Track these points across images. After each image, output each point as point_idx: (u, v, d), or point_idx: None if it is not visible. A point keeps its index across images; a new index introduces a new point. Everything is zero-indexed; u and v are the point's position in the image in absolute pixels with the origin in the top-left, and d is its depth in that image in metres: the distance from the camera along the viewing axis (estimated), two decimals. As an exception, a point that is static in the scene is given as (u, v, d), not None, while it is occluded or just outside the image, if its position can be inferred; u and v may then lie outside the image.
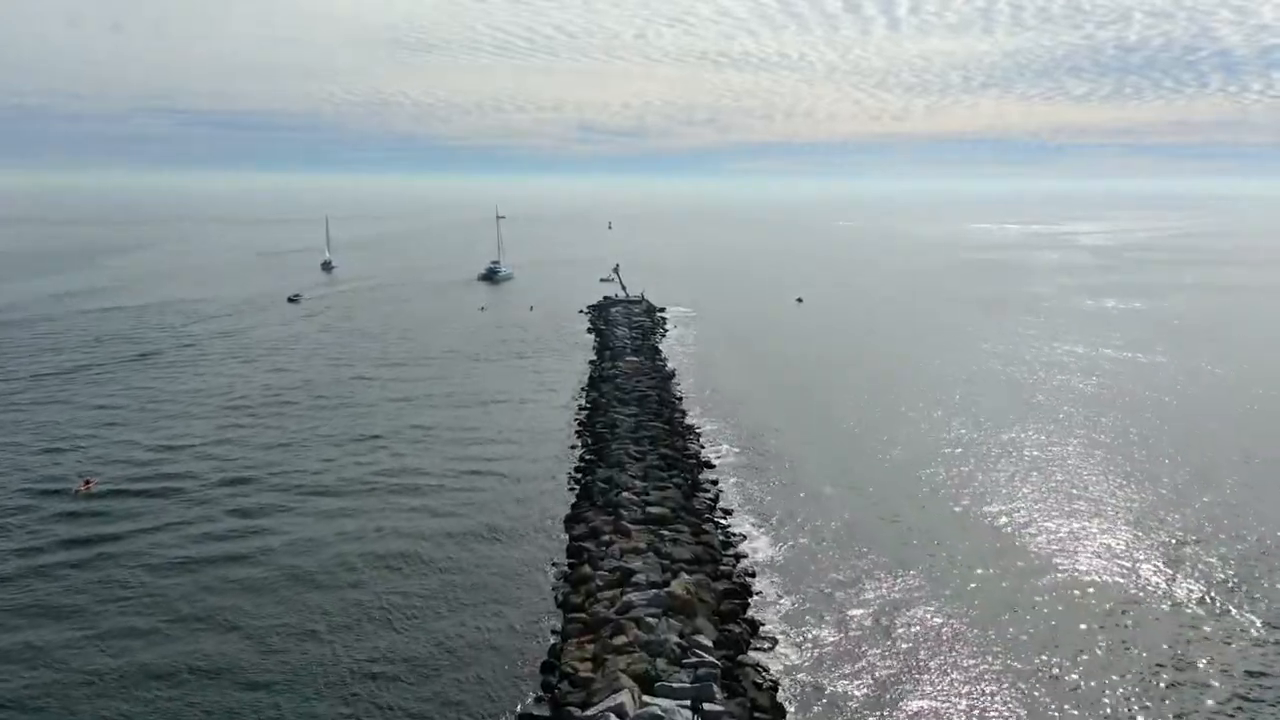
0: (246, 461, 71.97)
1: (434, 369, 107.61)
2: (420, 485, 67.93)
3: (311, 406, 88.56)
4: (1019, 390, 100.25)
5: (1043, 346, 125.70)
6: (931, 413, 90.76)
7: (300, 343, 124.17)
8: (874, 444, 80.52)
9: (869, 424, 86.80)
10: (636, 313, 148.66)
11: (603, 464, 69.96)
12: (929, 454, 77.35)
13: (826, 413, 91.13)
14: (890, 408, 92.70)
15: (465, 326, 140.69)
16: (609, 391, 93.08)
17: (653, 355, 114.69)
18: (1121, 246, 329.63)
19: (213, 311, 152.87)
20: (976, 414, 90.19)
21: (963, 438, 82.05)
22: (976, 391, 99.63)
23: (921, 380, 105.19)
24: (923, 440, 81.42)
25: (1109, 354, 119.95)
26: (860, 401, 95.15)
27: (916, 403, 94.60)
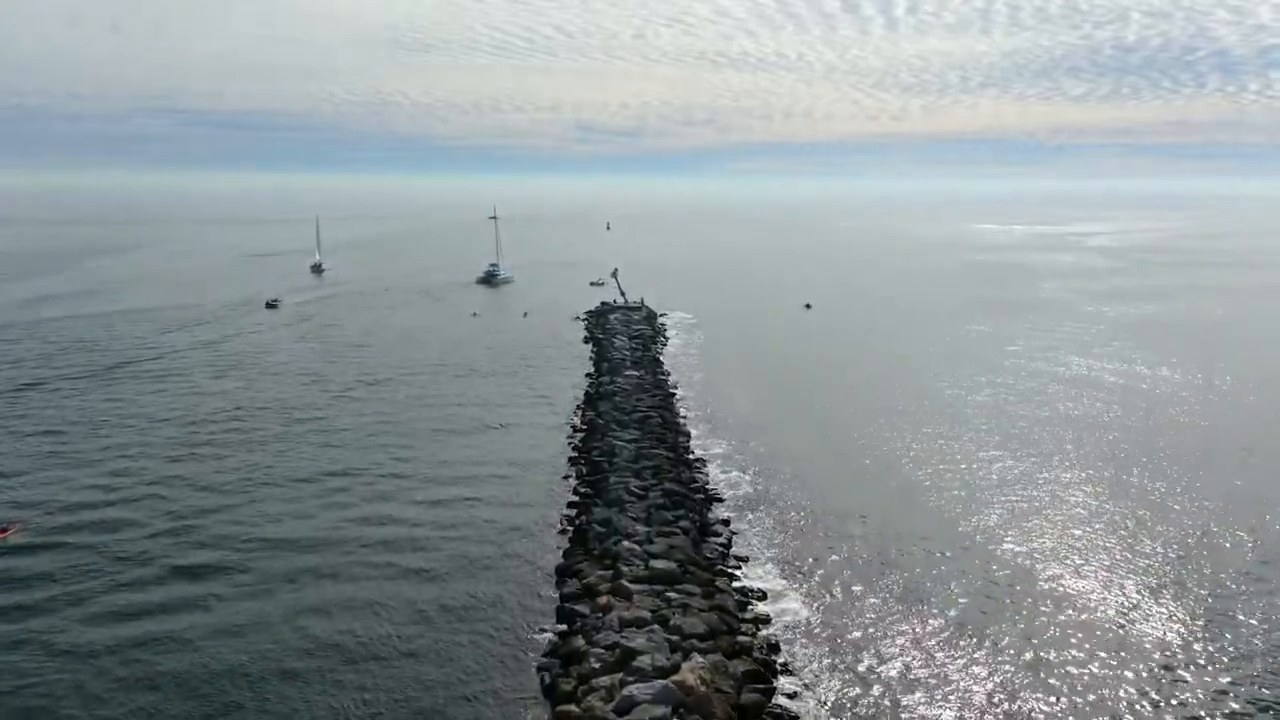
0: (198, 504, 62.91)
1: (417, 385, 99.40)
2: (391, 538, 57.99)
3: (277, 434, 79.95)
4: (1046, 407, 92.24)
5: (1066, 357, 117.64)
6: (957, 433, 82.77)
7: (274, 354, 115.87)
8: (899, 471, 72.56)
9: (892, 448, 78.82)
10: (636, 320, 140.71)
11: (600, 501, 61.97)
12: (960, 481, 69.41)
13: (844, 434, 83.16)
14: (912, 428, 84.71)
15: (455, 335, 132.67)
16: (607, 411, 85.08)
17: (654, 368, 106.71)
18: (1129, 248, 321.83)
19: (190, 318, 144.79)
20: (1004, 434, 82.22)
21: (993, 461, 74.08)
22: (1001, 408, 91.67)
23: (942, 396, 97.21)
24: (951, 464, 73.47)
25: (1130, 362, 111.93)
26: (880, 421, 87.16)
27: (939, 421, 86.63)
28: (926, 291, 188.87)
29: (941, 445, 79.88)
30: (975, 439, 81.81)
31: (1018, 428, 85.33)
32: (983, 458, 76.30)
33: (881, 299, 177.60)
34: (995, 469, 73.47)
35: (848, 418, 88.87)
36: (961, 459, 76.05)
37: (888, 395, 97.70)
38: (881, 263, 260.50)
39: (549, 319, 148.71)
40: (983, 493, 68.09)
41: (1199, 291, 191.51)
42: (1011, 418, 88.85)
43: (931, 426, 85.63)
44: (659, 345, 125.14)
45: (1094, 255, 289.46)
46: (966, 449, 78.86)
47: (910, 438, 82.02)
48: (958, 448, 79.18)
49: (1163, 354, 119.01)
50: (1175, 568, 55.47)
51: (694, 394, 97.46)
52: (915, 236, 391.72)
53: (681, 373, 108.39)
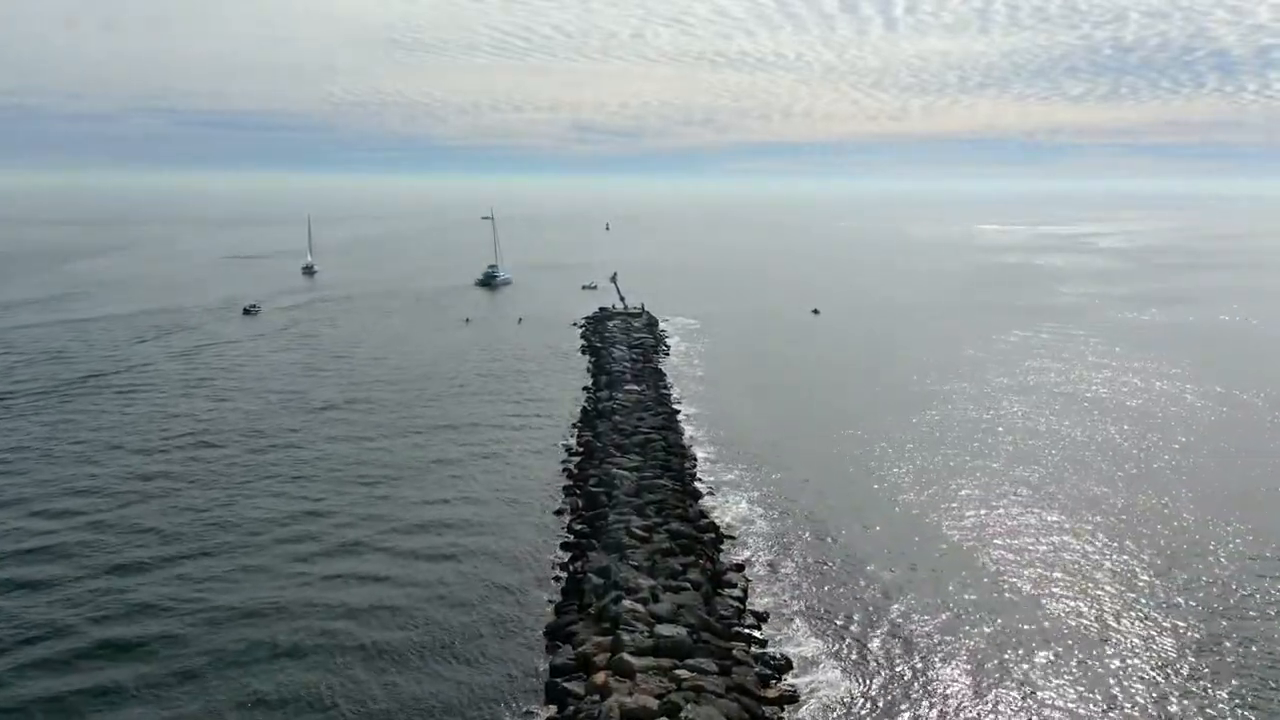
0: (137, 557, 54.15)
1: (400, 403, 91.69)
2: (358, 604, 48.65)
3: (241, 465, 71.86)
4: (1082, 428, 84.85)
5: (1097, 372, 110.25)
6: (988, 455, 75.36)
7: (248, 367, 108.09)
8: (928, 502, 65.13)
9: (918, 474, 71.39)
10: (636, 327, 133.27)
11: (597, 544, 54.51)
12: (994, 512, 62.04)
13: (864, 458, 75.70)
14: (935, 451, 77.28)
15: (446, 344, 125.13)
16: (605, 433, 77.62)
17: (655, 381, 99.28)
18: (1140, 249, 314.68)
19: (166, 325, 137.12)
20: (1039, 458, 74.83)
21: (1031, 490, 66.74)
22: (1033, 428, 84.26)
23: (967, 414, 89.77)
24: (989, 494, 66.09)
25: (1165, 379, 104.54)
26: (902, 443, 79.73)
27: (967, 443, 79.19)
28: (939, 295, 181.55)
29: (975, 472, 72.46)
30: (1008, 462, 74.38)
31: (1054, 453, 77.89)
32: (1017, 484, 68.92)
33: (892, 303, 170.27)
34: (1033, 498, 66.08)
35: (866, 438, 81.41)
36: (997, 488, 68.63)
37: (907, 412, 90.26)
38: (888, 264, 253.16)
39: (545, 326, 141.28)
40: (1021, 525, 60.71)
41: (1218, 295, 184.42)
42: (1047, 440, 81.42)
43: (959, 450, 78.18)
44: (660, 355, 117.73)
45: (1106, 257, 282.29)
46: (999, 476, 71.45)
47: (936, 463, 74.59)
48: (991, 475, 71.76)
49: (1192, 368, 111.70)
50: (1216, 623, 48.12)
51: (699, 411, 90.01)
52: (919, 237, 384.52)
53: (685, 386, 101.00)
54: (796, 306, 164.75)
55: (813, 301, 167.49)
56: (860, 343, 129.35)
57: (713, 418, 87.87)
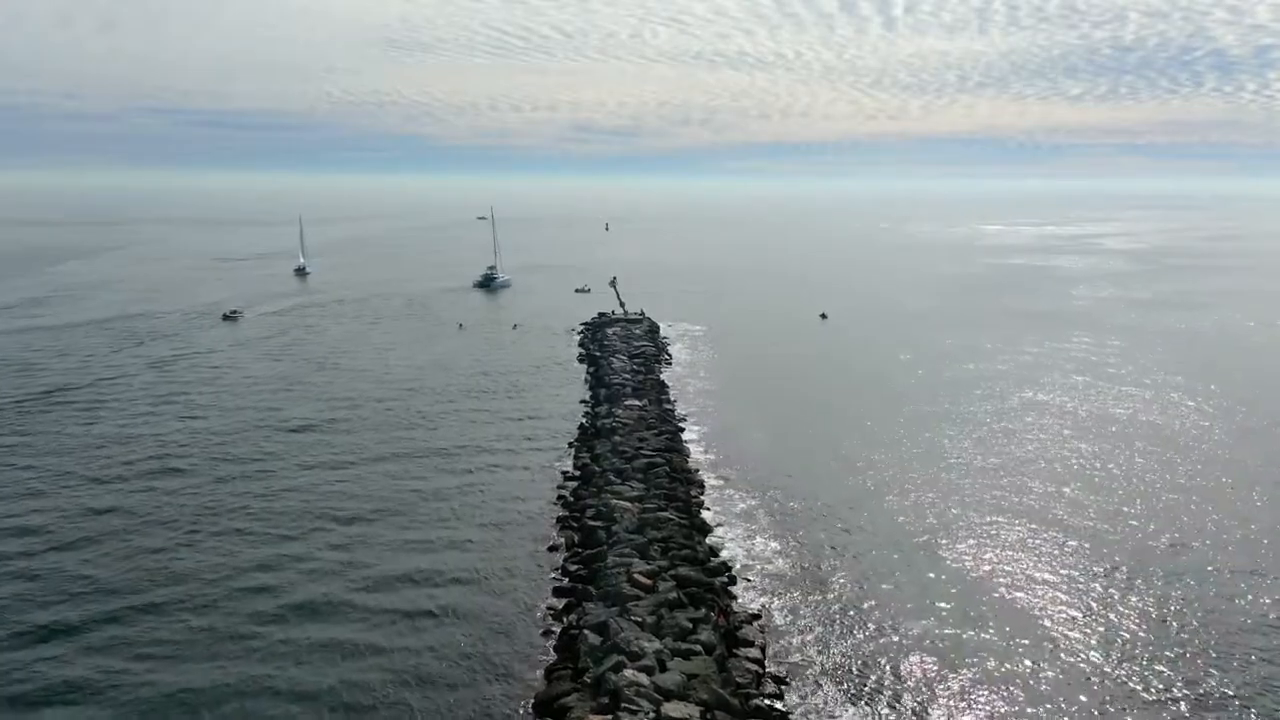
0: (66, 615, 47.86)
1: (383, 421, 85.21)
2: (315, 688, 41.73)
3: (205, 497, 65.07)
4: (1126, 453, 78.69)
5: (1129, 387, 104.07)
6: (1014, 479, 69.13)
7: (225, 379, 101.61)
8: (956, 534, 58.90)
9: (943, 500, 65.16)
10: (637, 334, 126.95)
11: (595, 591, 48.29)
12: (1029, 545, 55.83)
13: (884, 483, 69.44)
14: (964, 474, 71.05)
15: (437, 352, 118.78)
16: (604, 455, 71.36)
17: (658, 395, 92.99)
18: (1150, 251, 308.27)
19: (144, 331, 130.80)
20: (1075, 491, 68.64)
21: (1079, 528, 60.57)
22: (1066, 454, 78.01)
23: (991, 431, 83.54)
24: (1015, 520, 59.86)
25: (1187, 389, 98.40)
26: (924, 465, 73.51)
27: (995, 466, 72.95)
28: (952, 300, 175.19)
29: (1003, 500, 66.18)
30: (1039, 490, 68.14)
31: (1104, 487, 71.66)
32: (1051, 517, 62.69)
33: (903, 308, 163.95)
34: (1073, 534, 59.87)
35: (887, 460, 75.14)
36: (1030, 517, 62.38)
37: (930, 431, 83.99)
38: (894, 266, 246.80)
39: (541, 332, 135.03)
40: (1060, 568, 54.49)
41: (1232, 298, 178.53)
42: (1079, 468, 75.15)
43: (987, 475, 71.86)
44: (662, 365, 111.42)
45: (1117, 259, 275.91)
46: (1030, 504, 65.20)
47: (965, 489, 68.31)
48: (1022, 503, 65.49)
49: (1216, 380, 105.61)
50: None
51: (706, 429, 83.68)
52: (923, 237, 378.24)
53: (689, 400, 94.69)
54: (803, 310, 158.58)
55: (819, 305, 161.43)
56: (873, 352, 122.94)
57: (720, 436, 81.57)
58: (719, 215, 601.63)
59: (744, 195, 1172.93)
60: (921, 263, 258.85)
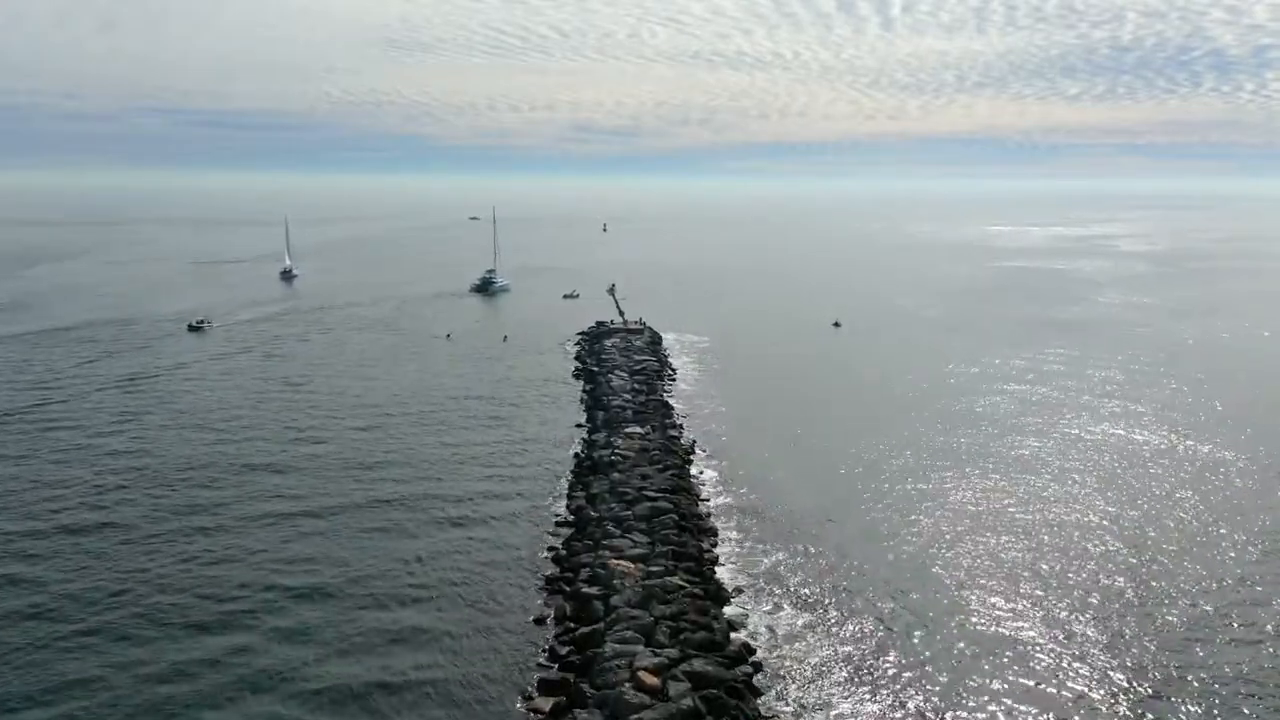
0: None
1: (351, 455, 75.13)
2: None
3: (133, 544, 55.99)
4: (1168, 488, 69.35)
5: (1170, 410, 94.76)
6: (1077, 536, 59.79)
7: (178, 401, 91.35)
8: (1009, 596, 49.51)
9: (994, 554, 55.78)
10: (637, 346, 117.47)
11: (589, 694, 38.84)
12: (1102, 626, 46.49)
13: (925, 529, 60.03)
14: (1012, 528, 61.70)
15: (419, 368, 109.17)
16: (602, 496, 61.94)
17: (662, 419, 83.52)
18: (1165, 253, 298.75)
19: (109, 342, 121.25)
20: (1141, 547, 59.32)
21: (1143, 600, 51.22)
22: (1123, 499, 68.75)
23: (1041, 467, 74.16)
24: (1087, 592, 50.53)
25: (1220, 409, 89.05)
26: (973, 506, 64.15)
27: (1051, 518, 63.60)
28: (969, 307, 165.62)
29: (1061, 562, 56.80)
30: (1107, 557, 58.76)
31: (1146, 543, 62.31)
32: (1117, 591, 53.32)
33: (918, 316, 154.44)
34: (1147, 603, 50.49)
35: (921, 499, 65.72)
36: (1099, 589, 53.01)
37: (967, 464, 74.61)
38: (903, 268, 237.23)
39: (534, 343, 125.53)
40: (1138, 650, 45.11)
41: (1255, 302, 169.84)
42: (1138, 515, 65.84)
43: (1039, 530, 62.51)
44: (665, 382, 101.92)
45: (1133, 261, 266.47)
46: (1098, 571, 55.81)
47: (1018, 545, 58.92)
48: (1087, 569, 56.11)
49: (1252, 394, 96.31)
50: None
51: (717, 461, 74.23)
52: (930, 239, 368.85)
53: (697, 424, 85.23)
54: (814, 318, 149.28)
55: (831, 311, 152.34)
56: (893, 367, 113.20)
57: (734, 470, 72.13)
58: (719, 215, 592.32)
59: (744, 195, 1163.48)
60: (931, 265, 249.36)
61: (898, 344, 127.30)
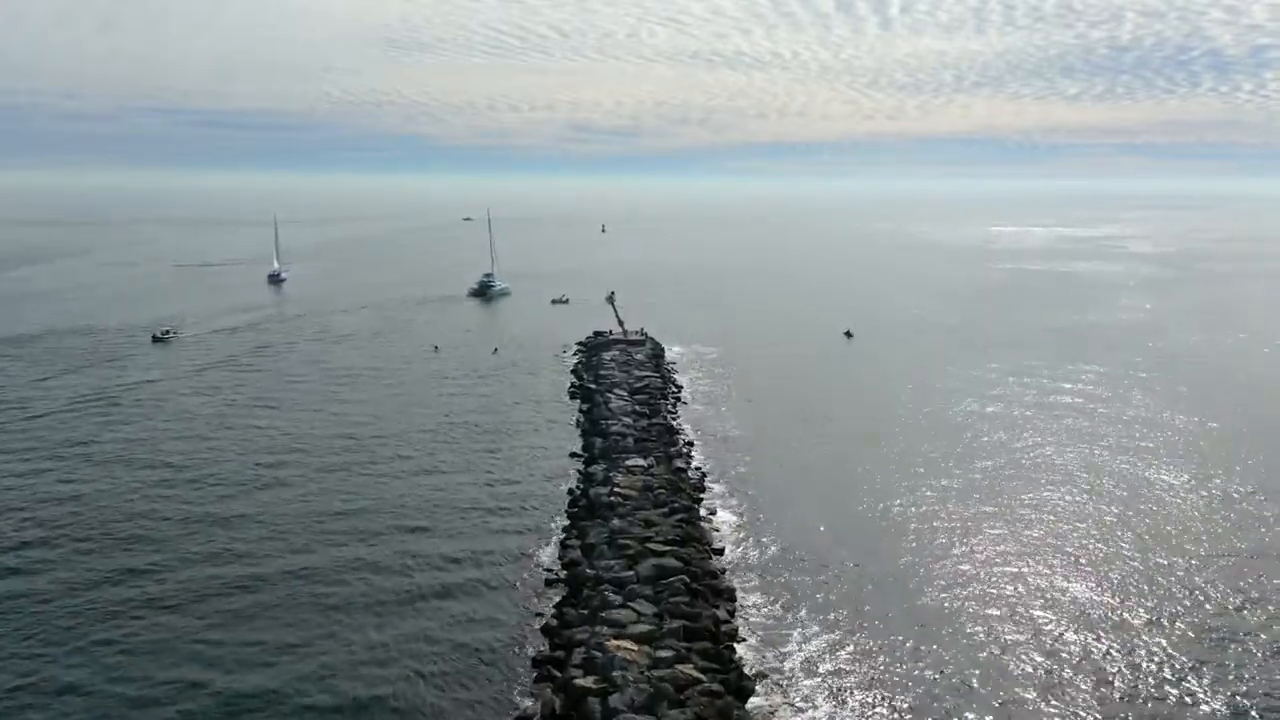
0: None
1: (312, 492, 65.97)
2: None
3: (55, 608, 47.94)
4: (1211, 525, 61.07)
5: (1221, 434, 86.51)
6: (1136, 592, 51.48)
7: (131, 423, 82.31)
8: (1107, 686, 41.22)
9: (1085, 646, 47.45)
10: (638, 359, 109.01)
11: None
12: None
13: (956, 567, 51.66)
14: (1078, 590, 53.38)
15: (402, 386, 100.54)
16: (599, 548, 53.49)
17: (667, 446, 75.06)
18: (1177, 254, 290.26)
19: (70, 354, 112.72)
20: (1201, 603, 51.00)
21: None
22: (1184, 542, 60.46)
23: (1098, 510, 65.87)
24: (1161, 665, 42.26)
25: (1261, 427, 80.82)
26: (1007, 541, 55.80)
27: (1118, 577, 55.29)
28: (987, 314, 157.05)
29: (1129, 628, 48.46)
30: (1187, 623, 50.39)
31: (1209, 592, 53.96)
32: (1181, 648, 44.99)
33: (933, 323, 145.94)
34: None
35: (966, 544, 57.35)
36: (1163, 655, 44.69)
37: (1005, 495, 66.28)
38: (912, 272, 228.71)
39: (527, 355, 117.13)
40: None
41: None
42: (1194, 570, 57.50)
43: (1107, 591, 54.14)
44: (670, 401, 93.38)
45: (1144, 264, 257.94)
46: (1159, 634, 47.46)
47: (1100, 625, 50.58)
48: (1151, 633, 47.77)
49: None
50: None
51: (733, 501, 65.70)
52: (935, 240, 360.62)
53: (706, 451, 76.92)
54: (825, 326, 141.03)
55: (841, 318, 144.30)
56: (918, 387, 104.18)
57: (750, 509, 63.73)
58: (720, 215, 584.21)
59: (744, 195, 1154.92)
60: (939, 267, 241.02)
61: (917, 357, 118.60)
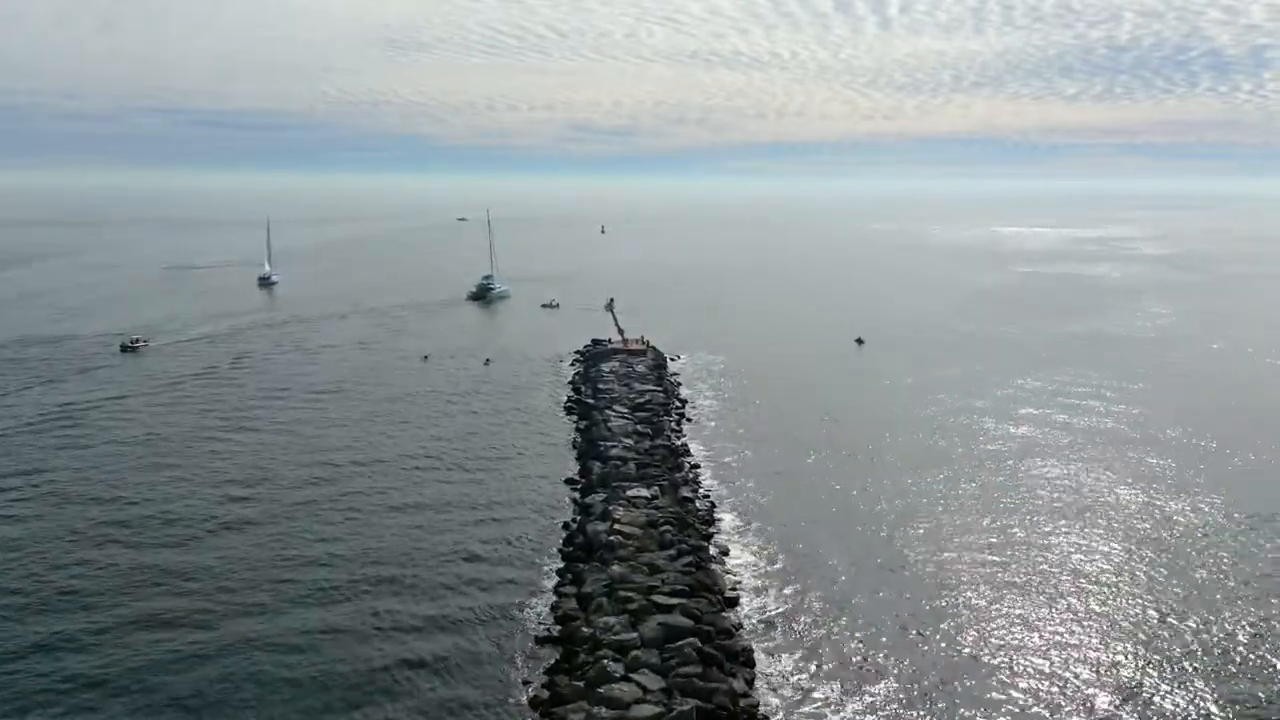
0: None
1: (283, 533, 58.93)
2: None
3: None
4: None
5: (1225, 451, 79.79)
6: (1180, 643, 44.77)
7: (82, 451, 74.85)
8: None
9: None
10: (639, 371, 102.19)
11: None
12: None
13: (1009, 612, 44.89)
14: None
15: (386, 400, 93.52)
16: (597, 601, 46.73)
17: (671, 470, 68.35)
18: (1194, 256, 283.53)
19: (36, 364, 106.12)
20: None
21: None
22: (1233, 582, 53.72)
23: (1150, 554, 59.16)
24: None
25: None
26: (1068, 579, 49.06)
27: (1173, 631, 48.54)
28: (1004, 320, 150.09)
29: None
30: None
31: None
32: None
33: (947, 330, 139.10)
34: None
35: (1008, 581, 50.58)
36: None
37: (1052, 529, 59.55)
38: (920, 274, 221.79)
39: (521, 366, 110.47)
40: None
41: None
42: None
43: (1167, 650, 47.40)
44: (674, 418, 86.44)
45: (1159, 267, 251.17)
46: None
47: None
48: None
49: None
50: None
51: (745, 536, 58.92)
52: (941, 241, 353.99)
53: (715, 475, 70.35)
54: (834, 332, 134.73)
55: (851, 324, 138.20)
56: (938, 399, 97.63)
57: (766, 546, 56.99)
58: (720, 215, 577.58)
59: (744, 195, 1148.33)
60: (947, 270, 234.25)
61: (934, 368, 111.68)
